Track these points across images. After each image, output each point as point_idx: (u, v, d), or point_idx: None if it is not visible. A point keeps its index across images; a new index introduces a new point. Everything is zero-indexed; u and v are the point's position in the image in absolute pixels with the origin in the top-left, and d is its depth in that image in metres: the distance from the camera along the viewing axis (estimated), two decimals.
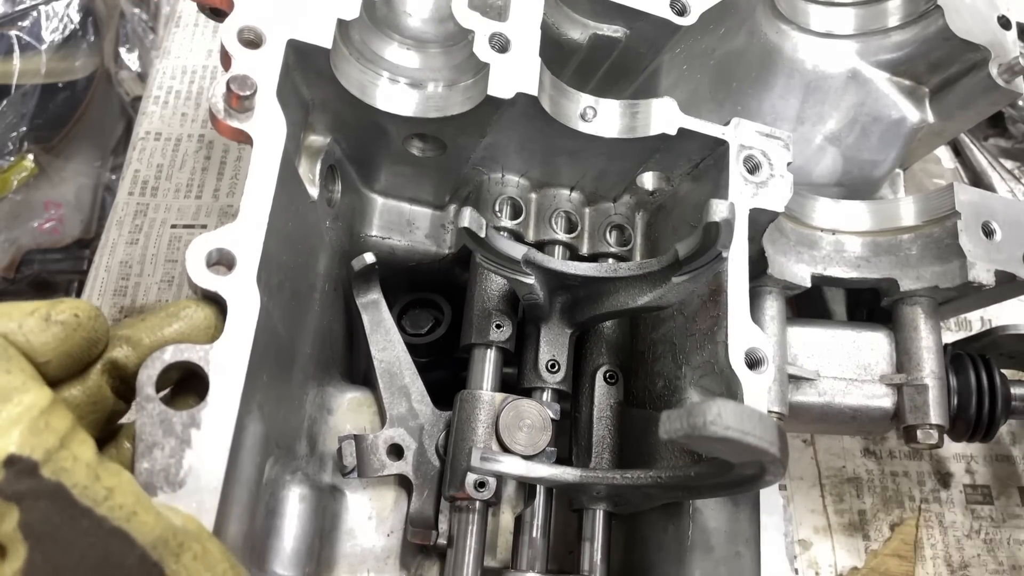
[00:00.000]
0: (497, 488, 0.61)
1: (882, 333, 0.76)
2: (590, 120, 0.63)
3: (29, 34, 1.11)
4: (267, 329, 0.50)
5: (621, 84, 0.74)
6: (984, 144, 1.21)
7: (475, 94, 0.59)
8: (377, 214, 0.73)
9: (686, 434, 0.40)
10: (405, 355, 0.68)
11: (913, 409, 0.73)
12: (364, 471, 0.62)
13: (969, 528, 0.95)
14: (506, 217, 0.70)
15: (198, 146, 1.09)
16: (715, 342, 0.60)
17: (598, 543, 0.64)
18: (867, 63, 0.83)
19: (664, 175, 0.71)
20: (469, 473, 0.59)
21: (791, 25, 0.81)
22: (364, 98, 0.59)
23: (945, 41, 0.80)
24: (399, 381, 0.66)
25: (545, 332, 0.67)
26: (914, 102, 0.85)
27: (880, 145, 0.86)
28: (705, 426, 0.39)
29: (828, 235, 0.77)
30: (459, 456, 0.61)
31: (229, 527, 0.46)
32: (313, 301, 0.64)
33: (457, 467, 0.61)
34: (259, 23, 0.53)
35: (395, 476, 0.64)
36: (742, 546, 0.57)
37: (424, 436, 0.65)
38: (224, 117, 0.50)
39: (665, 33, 0.68)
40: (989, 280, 0.71)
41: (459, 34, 0.60)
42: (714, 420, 0.39)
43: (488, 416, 0.62)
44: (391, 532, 0.64)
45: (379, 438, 0.64)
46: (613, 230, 0.74)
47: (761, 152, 0.64)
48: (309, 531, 0.58)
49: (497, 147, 0.67)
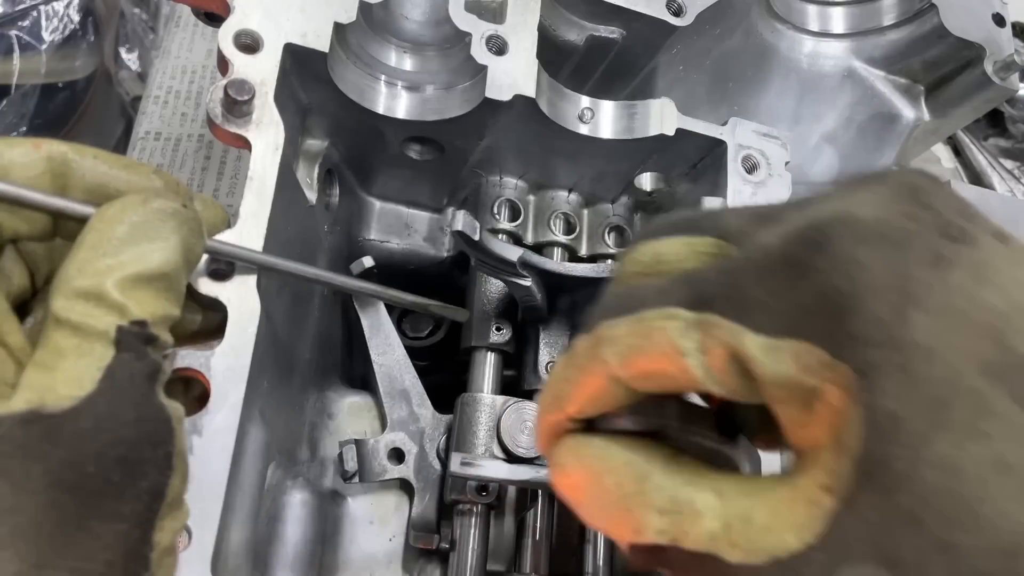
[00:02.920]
0: (499, 491, 0.61)
1: None
2: (588, 121, 0.63)
3: (29, 34, 1.11)
4: (267, 335, 0.50)
5: (618, 85, 0.74)
6: (984, 144, 1.21)
7: (473, 96, 0.59)
8: (375, 218, 0.73)
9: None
10: (405, 359, 0.67)
11: None
12: (365, 476, 0.62)
13: None
14: (505, 219, 0.70)
15: (198, 146, 1.09)
16: None
17: (601, 545, 0.64)
18: (863, 62, 0.84)
19: (662, 176, 0.71)
20: None
21: (787, 25, 0.82)
22: (362, 102, 0.59)
23: (940, 39, 0.80)
24: (399, 385, 0.66)
25: (545, 334, 0.67)
26: (910, 100, 0.85)
27: (876, 143, 0.86)
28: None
29: None
30: None
31: (231, 534, 0.46)
32: (312, 306, 0.64)
33: None
34: (256, 28, 0.53)
35: (396, 480, 0.64)
36: None
37: (425, 440, 0.65)
38: (222, 122, 0.50)
39: (662, 34, 0.68)
40: None
41: (456, 37, 0.60)
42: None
43: (489, 419, 0.62)
44: (393, 536, 0.64)
45: (380, 442, 0.64)
46: (612, 231, 0.74)
47: (759, 152, 0.64)
48: (311, 536, 0.58)
49: (495, 149, 0.67)
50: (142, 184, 0.41)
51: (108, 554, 0.33)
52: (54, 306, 0.36)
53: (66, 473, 0.33)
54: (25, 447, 0.32)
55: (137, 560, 0.35)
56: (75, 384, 0.34)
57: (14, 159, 0.39)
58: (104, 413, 0.34)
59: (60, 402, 0.34)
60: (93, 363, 0.35)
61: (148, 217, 0.38)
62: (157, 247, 0.38)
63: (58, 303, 0.36)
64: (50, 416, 0.33)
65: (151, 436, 0.36)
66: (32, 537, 0.32)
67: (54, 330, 0.35)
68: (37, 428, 0.33)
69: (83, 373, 0.35)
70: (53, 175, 0.40)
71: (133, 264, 0.37)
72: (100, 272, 0.36)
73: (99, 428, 0.34)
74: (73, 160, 0.40)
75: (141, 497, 0.35)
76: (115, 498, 0.34)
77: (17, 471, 0.32)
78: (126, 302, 0.36)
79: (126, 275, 0.37)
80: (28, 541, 0.32)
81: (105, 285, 0.36)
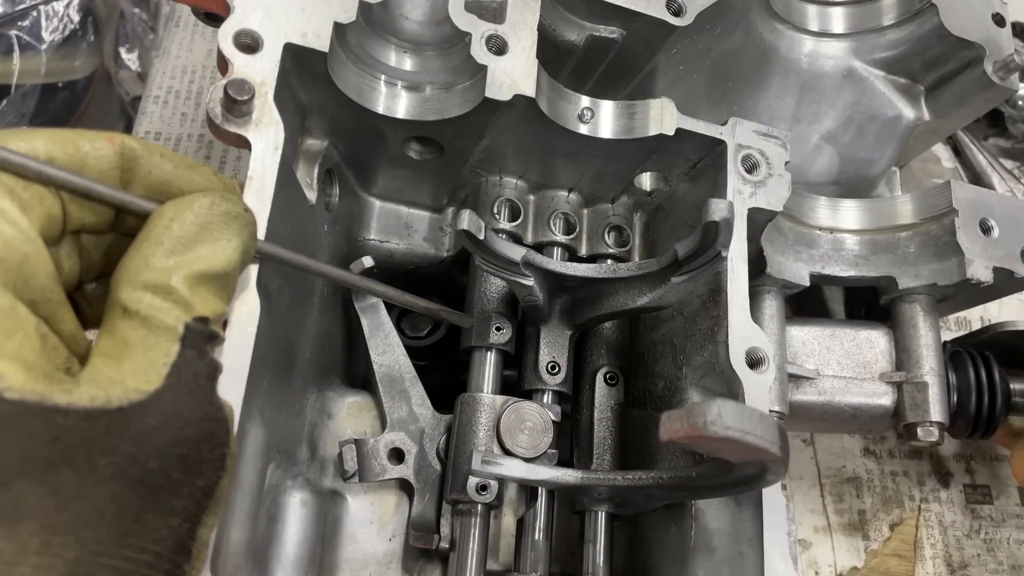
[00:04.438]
0: (499, 491, 0.61)
1: (881, 331, 0.76)
2: (588, 121, 0.63)
3: (29, 34, 1.11)
4: (267, 334, 0.49)
5: (618, 85, 0.74)
6: (984, 144, 1.21)
7: (473, 96, 0.59)
8: (375, 218, 0.73)
9: (686, 434, 0.40)
10: (405, 358, 0.68)
11: (913, 407, 0.73)
12: (365, 475, 0.62)
13: (969, 528, 0.95)
14: (504, 219, 0.70)
15: (198, 146, 1.09)
16: (715, 342, 0.60)
17: (600, 545, 0.64)
18: (862, 62, 0.83)
19: (662, 176, 0.71)
20: (470, 477, 0.59)
21: (786, 24, 0.82)
22: (361, 101, 0.59)
23: (940, 39, 0.80)
24: (399, 385, 0.66)
25: (545, 334, 0.67)
26: (909, 100, 0.85)
27: (876, 143, 0.86)
28: (705, 426, 0.39)
29: (826, 234, 0.77)
30: (460, 460, 0.61)
31: (231, 533, 0.46)
32: (312, 305, 0.64)
33: (458, 471, 0.61)
34: (256, 27, 0.53)
35: (396, 480, 0.64)
36: (745, 546, 0.57)
37: (425, 439, 0.65)
38: (222, 122, 0.50)
39: (661, 34, 0.68)
40: (987, 277, 0.71)
41: (456, 36, 0.60)
42: (714, 420, 0.39)
43: (489, 419, 0.62)
44: (393, 536, 0.64)
45: (380, 442, 0.64)
46: (611, 231, 0.74)
47: (759, 151, 0.64)
48: (311, 536, 0.58)
49: (495, 149, 0.67)
50: (203, 184, 0.42)
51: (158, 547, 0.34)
52: (121, 296, 0.36)
53: (130, 467, 0.34)
54: (92, 439, 0.33)
55: (181, 553, 0.36)
56: (142, 378, 0.35)
57: (89, 153, 0.39)
58: (171, 411, 0.35)
59: (128, 395, 0.34)
60: (160, 358, 0.36)
61: (214, 218, 0.39)
62: (220, 248, 0.39)
63: (125, 293, 0.36)
64: (118, 410, 0.34)
65: (211, 437, 0.37)
66: (93, 525, 0.33)
67: (120, 320, 0.36)
68: (104, 422, 0.33)
69: (150, 367, 0.36)
70: (122, 170, 0.41)
71: (199, 262, 0.38)
72: (168, 268, 0.37)
73: (165, 426, 0.35)
74: (142, 157, 0.41)
75: (195, 495, 0.36)
76: (172, 494, 0.35)
77: (83, 462, 0.33)
78: (192, 299, 0.37)
79: (192, 272, 0.38)
80: (89, 529, 0.32)
81: (173, 280, 0.37)
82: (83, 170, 0.39)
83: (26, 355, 0.34)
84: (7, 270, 0.35)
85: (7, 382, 0.32)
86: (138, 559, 0.34)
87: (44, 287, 0.37)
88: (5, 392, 0.32)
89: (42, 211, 0.37)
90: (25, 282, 0.35)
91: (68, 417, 0.32)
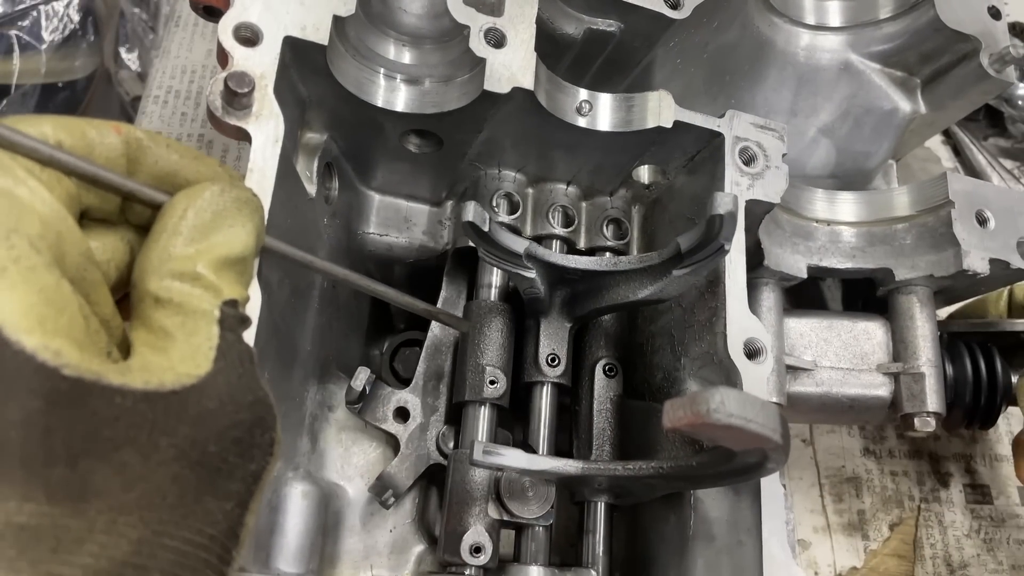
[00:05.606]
0: (494, 552, 0.59)
1: (878, 322, 0.77)
2: (586, 114, 0.63)
3: (29, 34, 1.11)
4: (268, 326, 0.50)
5: (616, 78, 0.74)
6: (984, 144, 1.21)
7: (471, 89, 0.60)
8: (374, 211, 0.73)
9: (689, 422, 0.41)
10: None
11: (910, 397, 0.73)
12: (365, 412, 0.64)
13: (969, 528, 0.95)
14: (504, 212, 0.71)
15: (198, 145, 1.09)
16: (714, 333, 0.60)
17: (600, 535, 0.65)
18: (859, 55, 0.84)
19: (660, 168, 0.72)
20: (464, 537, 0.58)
21: (783, 18, 0.82)
22: (361, 95, 0.60)
23: (936, 32, 0.80)
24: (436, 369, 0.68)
25: (545, 326, 0.68)
26: (906, 93, 0.86)
27: (873, 136, 0.87)
28: (709, 413, 0.40)
29: (823, 226, 0.78)
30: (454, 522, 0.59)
31: None
32: (312, 298, 0.64)
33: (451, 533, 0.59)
34: (256, 20, 0.53)
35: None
36: (744, 535, 0.57)
37: (432, 420, 0.66)
38: (222, 115, 0.50)
39: (659, 27, 0.68)
40: (983, 268, 0.72)
41: (455, 29, 0.60)
42: (717, 408, 0.39)
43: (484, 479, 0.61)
44: (393, 528, 0.64)
45: (393, 394, 0.65)
46: (610, 224, 0.74)
47: (756, 144, 0.64)
48: (312, 527, 0.58)
49: (493, 142, 0.67)
50: (209, 174, 0.43)
51: (214, 530, 0.35)
52: (149, 287, 0.36)
53: (191, 450, 0.34)
54: (153, 421, 0.33)
55: (232, 538, 0.36)
56: (191, 363, 0.35)
57: (96, 140, 0.40)
58: (225, 394, 0.35)
59: (180, 380, 0.34)
60: (204, 342, 0.36)
61: (226, 205, 0.40)
62: (236, 233, 0.39)
63: (153, 283, 0.36)
64: (174, 393, 0.34)
65: (262, 421, 0.37)
66: (156, 506, 0.33)
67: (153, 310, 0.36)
68: (162, 404, 0.33)
69: (197, 351, 0.36)
70: (129, 159, 0.41)
71: (220, 248, 0.38)
72: (191, 255, 0.37)
73: (221, 409, 0.35)
74: (148, 147, 0.41)
75: (247, 479, 0.36)
76: (227, 477, 0.35)
77: (145, 442, 0.33)
78: (220, 283, 0.38)
79: (215, 258, 0.38)
80: (152, 510, 0.33)
81: (199, 267, 0.37)
82: (91, 157, 0.39)
83: (76, 334, 0.33)
84: (49, 247, 0.34)
85: (64, 359, 0.31)
86: (195, 541, 0.34)
87: (79, 265, 0.36)
88: (63, 368, 0.31)
89: (62, 192, 0.37)
90: (62, 260, 0.35)
91: (126, 398, 0.32)
